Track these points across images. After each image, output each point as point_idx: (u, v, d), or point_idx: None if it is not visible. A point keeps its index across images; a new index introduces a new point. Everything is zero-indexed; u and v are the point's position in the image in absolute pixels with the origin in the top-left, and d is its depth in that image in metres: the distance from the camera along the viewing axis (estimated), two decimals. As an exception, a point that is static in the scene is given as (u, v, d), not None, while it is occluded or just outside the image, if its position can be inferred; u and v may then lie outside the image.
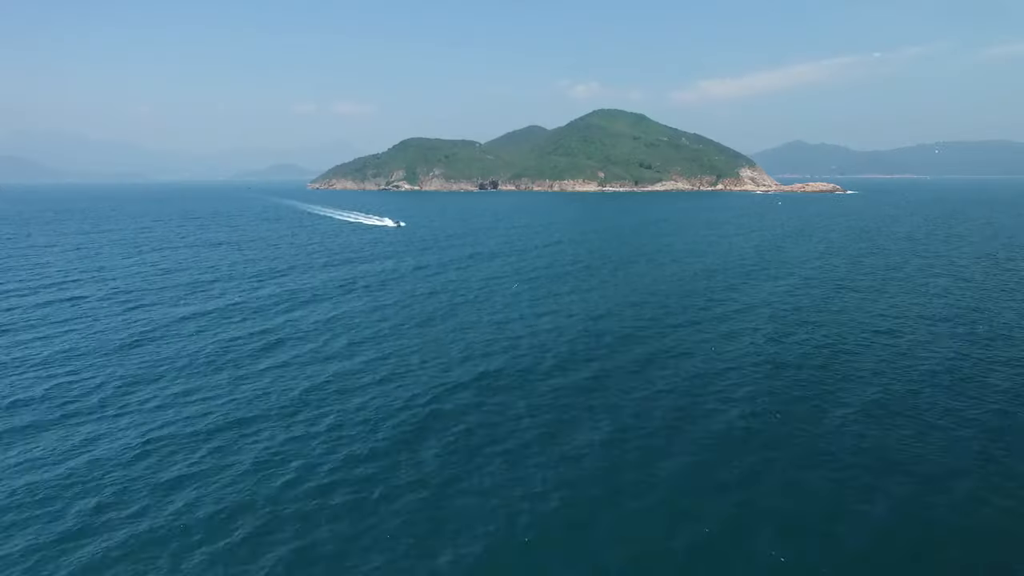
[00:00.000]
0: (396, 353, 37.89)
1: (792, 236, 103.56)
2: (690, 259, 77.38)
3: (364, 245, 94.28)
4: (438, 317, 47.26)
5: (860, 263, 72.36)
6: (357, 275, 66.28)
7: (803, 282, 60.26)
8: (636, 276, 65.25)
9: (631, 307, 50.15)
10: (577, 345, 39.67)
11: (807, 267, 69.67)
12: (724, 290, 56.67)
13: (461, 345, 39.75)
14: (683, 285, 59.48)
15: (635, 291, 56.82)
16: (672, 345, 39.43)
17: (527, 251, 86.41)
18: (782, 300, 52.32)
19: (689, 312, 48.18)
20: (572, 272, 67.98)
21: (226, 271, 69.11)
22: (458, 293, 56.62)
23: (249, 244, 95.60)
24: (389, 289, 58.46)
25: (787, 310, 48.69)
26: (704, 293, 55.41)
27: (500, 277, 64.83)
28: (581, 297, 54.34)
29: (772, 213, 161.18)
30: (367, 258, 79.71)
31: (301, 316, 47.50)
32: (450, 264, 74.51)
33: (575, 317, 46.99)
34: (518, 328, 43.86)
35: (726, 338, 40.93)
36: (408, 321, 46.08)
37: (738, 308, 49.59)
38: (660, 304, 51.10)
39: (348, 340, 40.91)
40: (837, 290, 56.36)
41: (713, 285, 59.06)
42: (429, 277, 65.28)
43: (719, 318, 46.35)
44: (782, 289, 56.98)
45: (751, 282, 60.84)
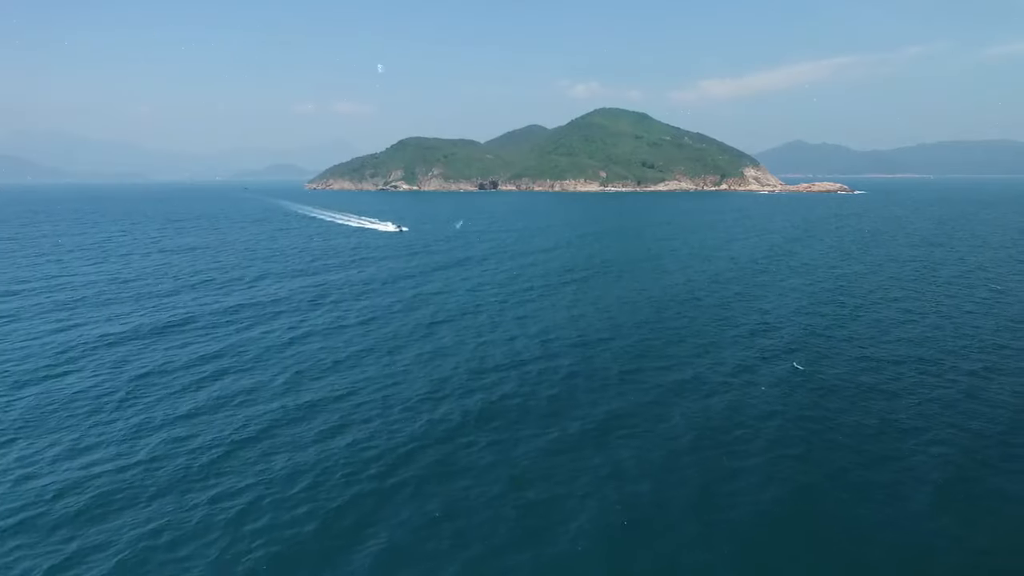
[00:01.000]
0: (350, 394, 31.13)
1: (818, 238, 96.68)
2: (714, 283, 70.35)
3: (355, 251, 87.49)
4: (410, 341, 40.51)
5: (897, 270, 65.50)
6: (331, 286, 59.55)
7: (837, 288, 53.45)
8: (639, 289, 58.38)
9: (635, 328, 43.34)
10: (574, 383, 32.87)
11: (842, 273, 62.85)
12: (742, 303, 49.89)
13: (431, 382, 32.99)
14: (697, 303, 52.63)
15: (639, 307, 50.00)
16: (689, 380, 32.64)
17: (524, 254, 79.69)
18: (816, 317, 45.53)
19: (708, 334, 41.37)
20: (570, 281, 61.19)
21: (188, 280, 62.40)
22: (442, 309, 49.88)
23: (225, 249, 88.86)
24: (367, 301, 51.73)
25: (823, 327, 41.92)
26: (723, 310, 48.60)
27: (491, 287, 58.07)
28: (578, 314, 47.55)
29: (789, 214, 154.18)
30: (344, 265, 72.96)
31: (252, 338, 40.75)
32: (441, 272, 67.76)
33: (570, 342, 40.19)
34: (503, 356, 37.10)
35: (748, 369, 34.15)
36: (377, 346, 39.33)
37: (771, 337, 42.81)
38: (670, 326, 44.29)
39: (298, 371, 34.15)
40: (877, 304, 49.52)
41: (728, 298, 52.24)
42: (411, 287, 58.54)
43: (744, 341, 39.55)
44: (817, 299, 50.19)
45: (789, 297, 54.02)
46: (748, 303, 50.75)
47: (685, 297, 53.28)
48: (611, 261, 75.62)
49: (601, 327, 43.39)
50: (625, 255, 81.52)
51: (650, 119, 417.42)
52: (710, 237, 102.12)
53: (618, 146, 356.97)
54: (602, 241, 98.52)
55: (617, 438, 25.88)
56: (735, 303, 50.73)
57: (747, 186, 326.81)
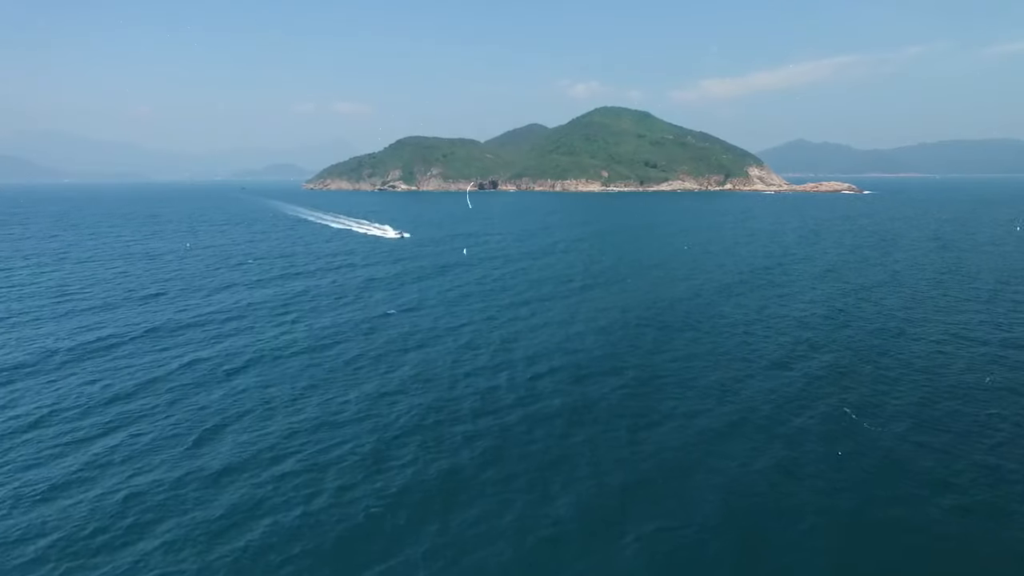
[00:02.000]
0: (299, 432, 24.17)
1: (859, 249, 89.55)
2: (730, 295, 62.21)
3: (341, 258, 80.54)
4: (368, 376, 33.53)
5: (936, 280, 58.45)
6: (300, 295, 52.62)
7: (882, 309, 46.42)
8: (647, 304, 51.31)
9: (643, 356, 36.30)
10: (567, 445, 25.89)
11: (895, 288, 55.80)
12: (767, 323, 42.84)
13: (378, 444, 26.02)
14: (714, 322, 45.57)
15: (645, 327, 42.96)
16: (718, 435, 25.62)
17: (519, 258, 72.70)
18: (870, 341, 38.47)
19: (731, 366, 34.32)
20: (566, 294, 54.17)
21: (138, 292, 55.53)
22: (416, 329, 42.90)
23: (195, 255, 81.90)
24: (331, 317, 44.78)
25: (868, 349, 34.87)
26: (746, 334, 41.58)
27: (480, 297, 51.09)
28: (575, 336, 40.53)
29: (803, 217, 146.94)
30: (318, 272, 65.99)
31: (170, 374, 33.77)
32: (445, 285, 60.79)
33: (563, 377, 33.19)
34: (479, 400, 30.12)
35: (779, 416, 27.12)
36: (324, 382, 32.35)
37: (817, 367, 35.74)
38: (684, 354, 37.27)
39: (205, 426, 27.13)
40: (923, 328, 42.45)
41: (749, 316, 45.20)
42: (386, 300, 51.57)
43: (775, 376, 32.51)
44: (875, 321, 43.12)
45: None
46: (773, 323, 43.69)
47: (699, 315, 46.24)
48: (614, 268, 68.62)
49: (601, 355, 36.38)
50: (629, 262, 74.52)
51: (652, 117, 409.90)
52: (720, 241, 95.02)
53: (620, 145, 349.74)
54: (604, 245, 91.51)
55: (632, 535, 18.88)
56: (757, 323, 43.67)
57: (752, 186, 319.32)
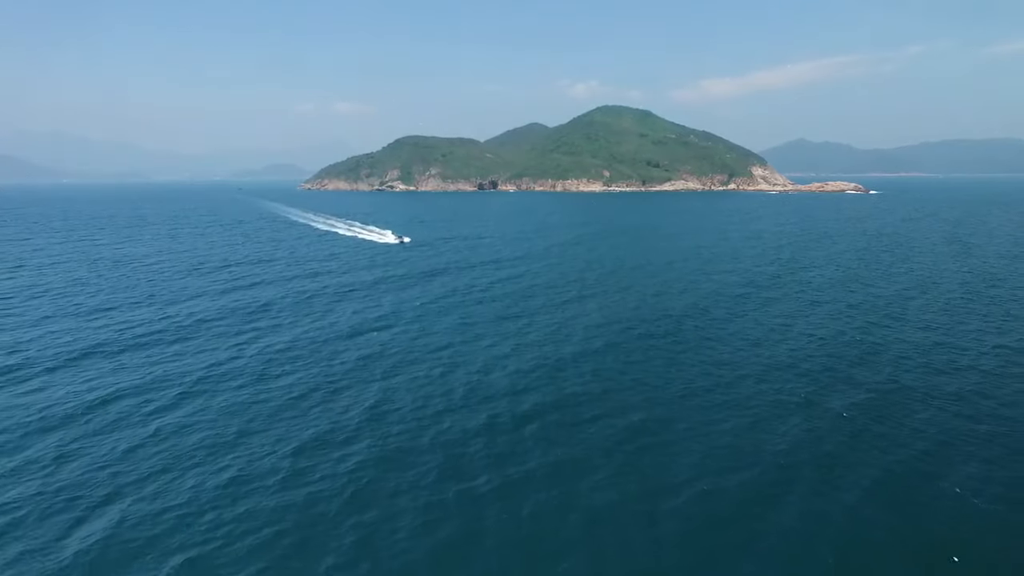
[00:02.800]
0: (204, 509, 18.25)
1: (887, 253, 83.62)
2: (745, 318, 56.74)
3: (320, 267, 74.63)
4: (316, 403, 27.62)
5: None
6: (262, 306, 46.73)
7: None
8: (651, 327, 45.38)
9: (649, 402, 30.41)
10: (560, 517, 19.98)
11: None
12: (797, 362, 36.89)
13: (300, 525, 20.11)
14: (734, 361, 39.64)
15: (652, 358, 37.03)
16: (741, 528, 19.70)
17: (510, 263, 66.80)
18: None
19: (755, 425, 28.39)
20: (559, 303, 48.28)
21: (88, 303, 49.77)
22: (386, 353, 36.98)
23: (167, 261, 75.98)
24: (294, 332, 38.90)
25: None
26: (764, 381, 35.64)
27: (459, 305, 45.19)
28: (567, 361, 34.62)
29: (819, 219, 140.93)
30: (286, 280, 60.11)
31: (99, 403, 27.91)
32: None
33: (551, 420, 27.30)
34: (446, 468, 24.24)
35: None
36: (280, 413, 26.45)
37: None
38: (696, 401, 31.37)
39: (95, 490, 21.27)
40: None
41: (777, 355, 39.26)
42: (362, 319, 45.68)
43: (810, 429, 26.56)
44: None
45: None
46: (798, 345, 37.70)
47: (713, 337, 40.25)
48: (615, 275, 62.64)
49: (600, 391, 30.56)
50: (631, 268, 68.54)
51: (654, 116, 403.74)
52: (728, 244, 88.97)
53: (622, 144, 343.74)
54: (605, 249, 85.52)
55: None
56: (780, 345, 37.69)
57: (756, 186, 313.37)
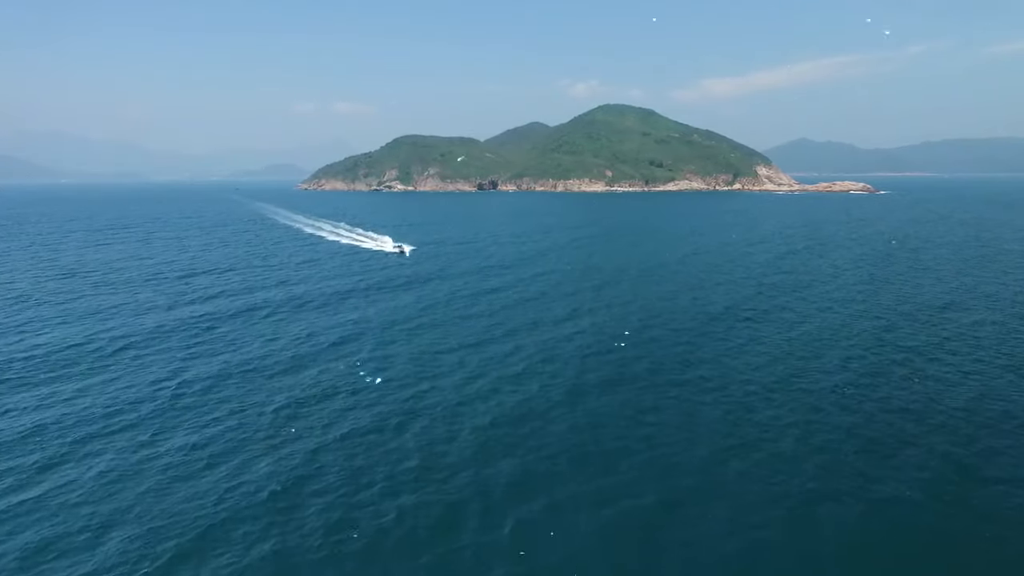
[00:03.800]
0: None
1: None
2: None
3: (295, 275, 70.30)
4: (220, 461, 23.32)
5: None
6: (208, 326, 42.47)
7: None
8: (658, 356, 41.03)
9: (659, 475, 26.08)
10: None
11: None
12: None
13: None
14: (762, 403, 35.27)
15: (663, 402, 32.73)
16: None
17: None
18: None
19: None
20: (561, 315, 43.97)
21: (13, 318, 45.82)
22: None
23: (128, 268, 71.56)
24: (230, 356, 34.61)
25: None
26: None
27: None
28: (555, 410, 30.31)
29: (833, 222, 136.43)
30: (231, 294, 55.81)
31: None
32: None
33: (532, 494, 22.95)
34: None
35: None
36: (176, 483, 22.16)
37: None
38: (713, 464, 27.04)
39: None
40: None
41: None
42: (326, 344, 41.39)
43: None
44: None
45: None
46: (828, 368, 33.33)
47: (732, 376, 35.88)
48: (616, 289, 58.35)
49: (596, 451, 26.14)
50: (634, 279, 64.21)
51: (656, 115, 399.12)
52: (745, 250, 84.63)
53: (624, 144, 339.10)
54: (605, 257, 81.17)
55: None
56: (810, 373, 33.33)
57: (761, 186, 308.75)
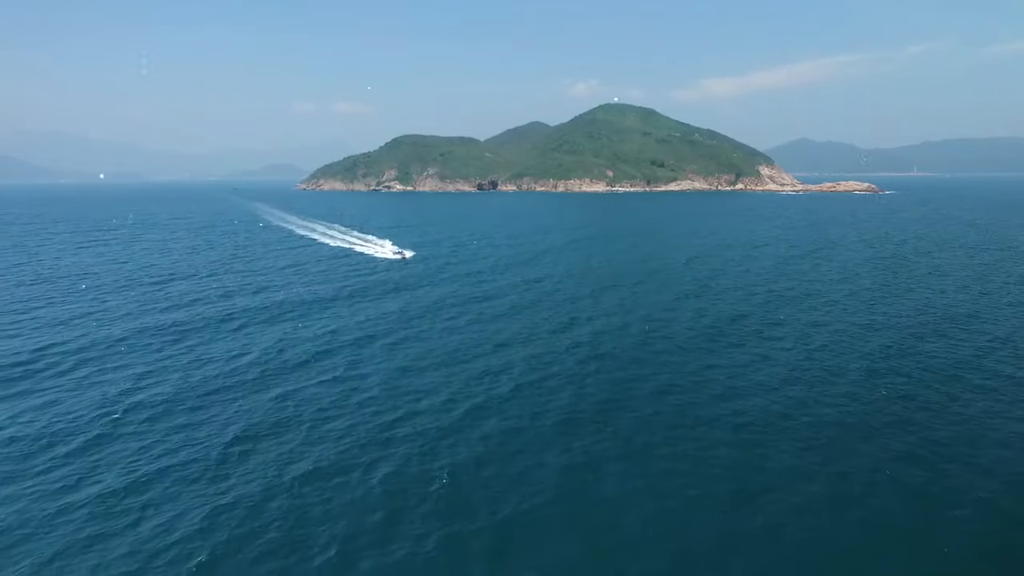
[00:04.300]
0: None
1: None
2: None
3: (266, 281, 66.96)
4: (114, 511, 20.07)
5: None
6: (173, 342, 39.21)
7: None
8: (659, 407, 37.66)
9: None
10: None
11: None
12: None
13: None
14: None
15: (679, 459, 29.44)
16: None
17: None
18: None
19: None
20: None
21: None
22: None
23: (98, 275, 67.96)
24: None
25: None
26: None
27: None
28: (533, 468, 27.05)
29: (848, 225, 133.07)
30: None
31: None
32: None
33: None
34: None
35: None
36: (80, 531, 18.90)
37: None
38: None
39: None
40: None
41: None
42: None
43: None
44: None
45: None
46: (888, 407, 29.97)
47: (758, 423, 32.55)
48: (615, 307, 55.05)
49: (578, 520, 22.86)
50: (636, 294, 60.99)
51: (658, 115, 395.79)
52: (763, 259, 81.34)
53: (625, 143, 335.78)
54: (606, 267, 77.95)
55: None
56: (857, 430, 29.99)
57: (764, 186, 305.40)
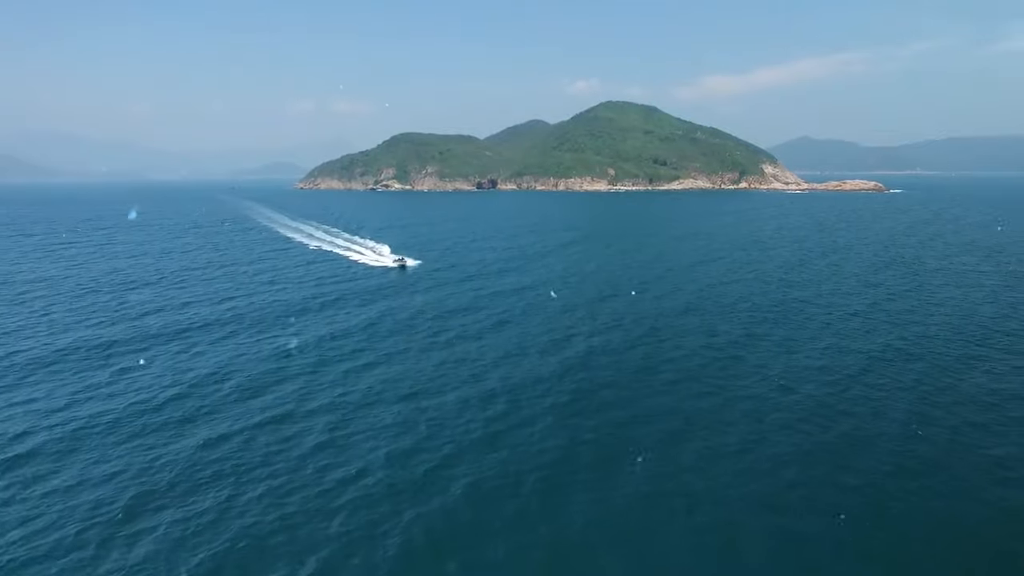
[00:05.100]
0: None
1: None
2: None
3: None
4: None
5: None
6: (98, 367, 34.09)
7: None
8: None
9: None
10: None
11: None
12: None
13: None
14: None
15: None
16: None
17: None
18: None
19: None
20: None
21: None
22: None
23: (46, 284, 63.26)
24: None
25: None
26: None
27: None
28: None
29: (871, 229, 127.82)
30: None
31: None
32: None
33: None
34: None
35: None
36: None
37: None
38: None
39: None
40: None
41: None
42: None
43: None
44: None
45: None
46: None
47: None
48: (614, 337, 49.94)
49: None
50: (636, 312, 55.90)
51: (660, 112, 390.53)
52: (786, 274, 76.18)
53: (627, 141, 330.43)
54: (606, 283, 72.83)
55: None
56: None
57: (768, 184, 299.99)
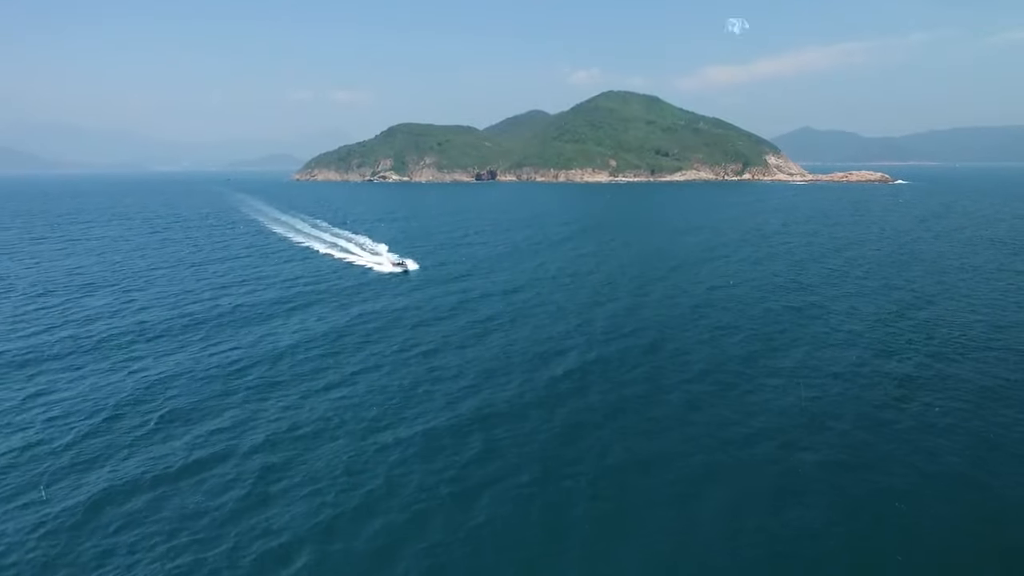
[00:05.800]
0: None
1: None
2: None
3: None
4: None
5: None
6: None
7: None
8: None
9: None
10: None
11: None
12: None
13: None
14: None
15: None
16: None
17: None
18: None
19: None
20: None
21: None
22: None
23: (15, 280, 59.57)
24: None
25: None
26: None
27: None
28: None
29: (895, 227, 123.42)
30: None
31: None
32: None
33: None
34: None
35: None
36: None
37: None
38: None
39: None
40: None
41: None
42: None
43: None
44: None
45: None
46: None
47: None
48: (612, 352, 46.05)
49: None
50: (642, 303, 51.99)
51: (662, 102, 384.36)
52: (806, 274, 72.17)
53: (628, 132, 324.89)
54: (606, 289, 68.89)
55: None
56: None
57: (772, 175, 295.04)
